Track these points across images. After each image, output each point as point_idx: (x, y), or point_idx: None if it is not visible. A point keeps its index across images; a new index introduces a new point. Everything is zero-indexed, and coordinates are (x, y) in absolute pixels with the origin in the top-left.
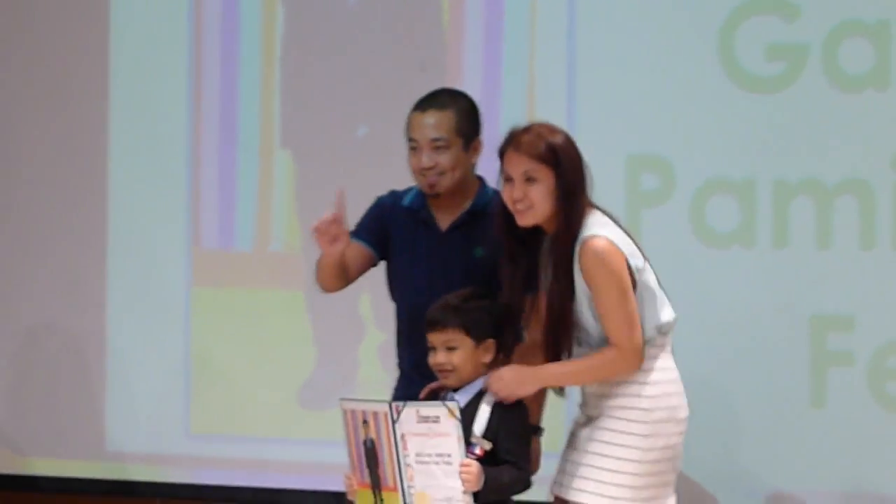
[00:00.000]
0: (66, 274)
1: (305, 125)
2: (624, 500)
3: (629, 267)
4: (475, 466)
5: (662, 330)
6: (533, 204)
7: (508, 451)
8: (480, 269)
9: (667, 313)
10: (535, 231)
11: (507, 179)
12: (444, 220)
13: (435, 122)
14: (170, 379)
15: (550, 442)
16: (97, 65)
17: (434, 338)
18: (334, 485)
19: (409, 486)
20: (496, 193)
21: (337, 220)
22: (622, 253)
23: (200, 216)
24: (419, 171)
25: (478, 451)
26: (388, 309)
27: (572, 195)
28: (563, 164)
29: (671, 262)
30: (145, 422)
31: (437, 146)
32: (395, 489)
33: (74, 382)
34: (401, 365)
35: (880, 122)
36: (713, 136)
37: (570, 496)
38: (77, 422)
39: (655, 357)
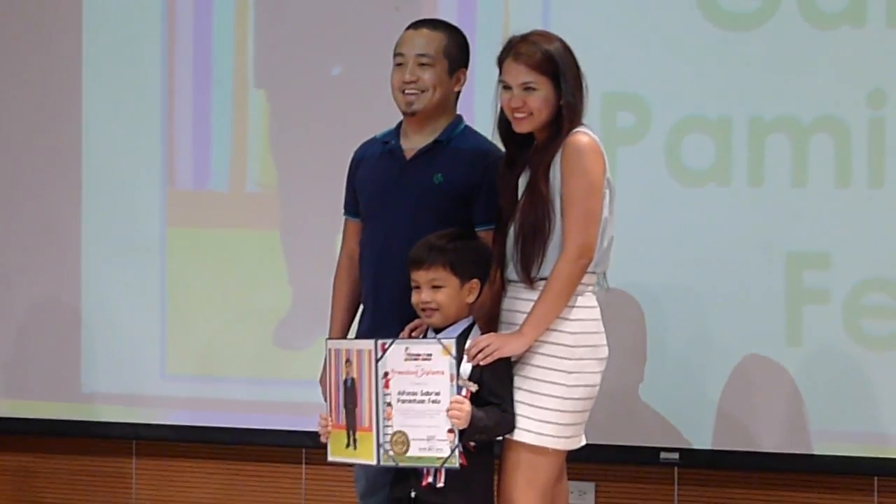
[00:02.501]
0: (41, 215)
1: (280, 65)
2: (549, 436)
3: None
4: (467, 404)
5: (594, 263)
6: (532, 111)
7: (493, 393)
8: (437, 194)
9: (604, 250)
10: (532, 139)
11: (506, 87)
12: (410, 150)
13: (424, 40)
14: (145, 320)
15: None
16: (70, 4)
17: (419, 276)
18: (309, 425)
19: (385, 426)
20: (466, 129)
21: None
22: (604, 158)
23: (175, 157)
24: (400, 87)
25: (464, 392)
26: None
27: (569, 104)
28: (561, 73)
29: (646, 200)
30: (120, 363)
31: (422, 62)
32: (369, 429)
33: (49, 324)
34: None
35: (856, 60)
36: (688, 74)
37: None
38: (52, 363)
39: (580, 294)
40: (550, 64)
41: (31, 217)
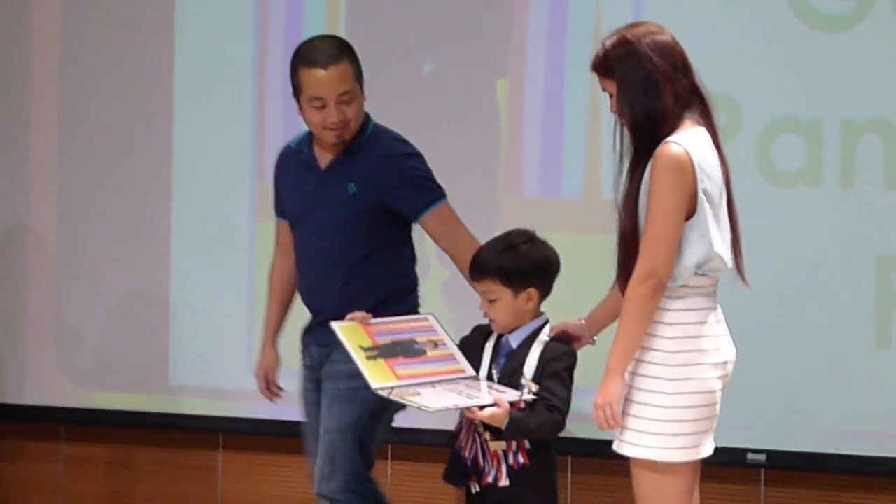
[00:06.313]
0: (132, 209)
1: (370, 62)
2: (655, 448)
3: (698, 189)
4: (503, 408)
5: (703, 270)
6: (622, 114)
7: (546, 388)
8: (352, 203)
9: (712, 255)
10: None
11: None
12: (324, 159)
13: (339, 77)
14: (233, 314)
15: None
16: (163, 2)
17: (477, 287)
18: (397, 421)
19: (409, 384)
20: (374, 129)
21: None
22: (694, 170)
23: (265, 151)
24: (325, 127)
25: (525, 391)
26: None
27: (634, 99)
28: (615, 70)
29: (736, 200)
30: (208, 356)
31: (345, 99)
32: (399, 377)
33: (139, 317)
34: None
35: None
36: (781, 75)
37: (614, 447)
38: (141, 356)
39: (685, 297)
40: (604, 64)
41: (121, 211)
